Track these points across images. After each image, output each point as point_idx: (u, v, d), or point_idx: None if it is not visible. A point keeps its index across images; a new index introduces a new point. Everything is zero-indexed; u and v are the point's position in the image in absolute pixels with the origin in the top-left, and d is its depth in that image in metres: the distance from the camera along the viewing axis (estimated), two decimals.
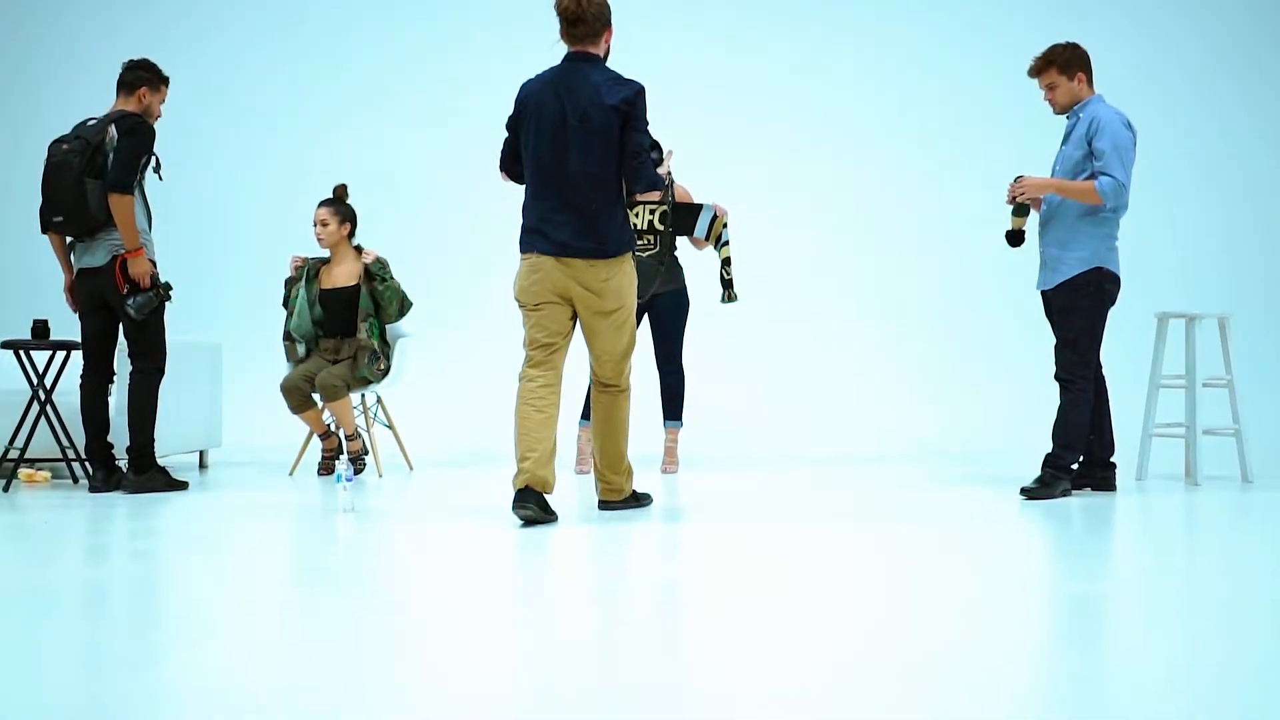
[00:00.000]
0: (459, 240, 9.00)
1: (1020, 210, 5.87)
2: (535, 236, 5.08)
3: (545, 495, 5.02)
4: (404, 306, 6.96)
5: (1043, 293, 6.02)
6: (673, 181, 6.68)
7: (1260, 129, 8.98)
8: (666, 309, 6.96)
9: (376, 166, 8.99)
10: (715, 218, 6.93)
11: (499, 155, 5.27)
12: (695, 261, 7.20)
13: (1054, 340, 5.97)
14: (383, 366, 6.89)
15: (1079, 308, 5.81)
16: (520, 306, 5.18)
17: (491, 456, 7.72)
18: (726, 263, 6.99)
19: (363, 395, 7.01)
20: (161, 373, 6.12)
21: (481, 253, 8.88)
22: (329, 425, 6.91)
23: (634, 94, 5.00)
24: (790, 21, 9.12)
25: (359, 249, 6.95)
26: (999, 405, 8.39)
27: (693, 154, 7.20)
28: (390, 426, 7.17)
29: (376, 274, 6.86)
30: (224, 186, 9.23)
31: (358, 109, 9.23)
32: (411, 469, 7.20)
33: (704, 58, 9.06)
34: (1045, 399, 7.75)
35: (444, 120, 9.14)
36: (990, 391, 8.53)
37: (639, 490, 5.53)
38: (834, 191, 9.05)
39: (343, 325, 6.93)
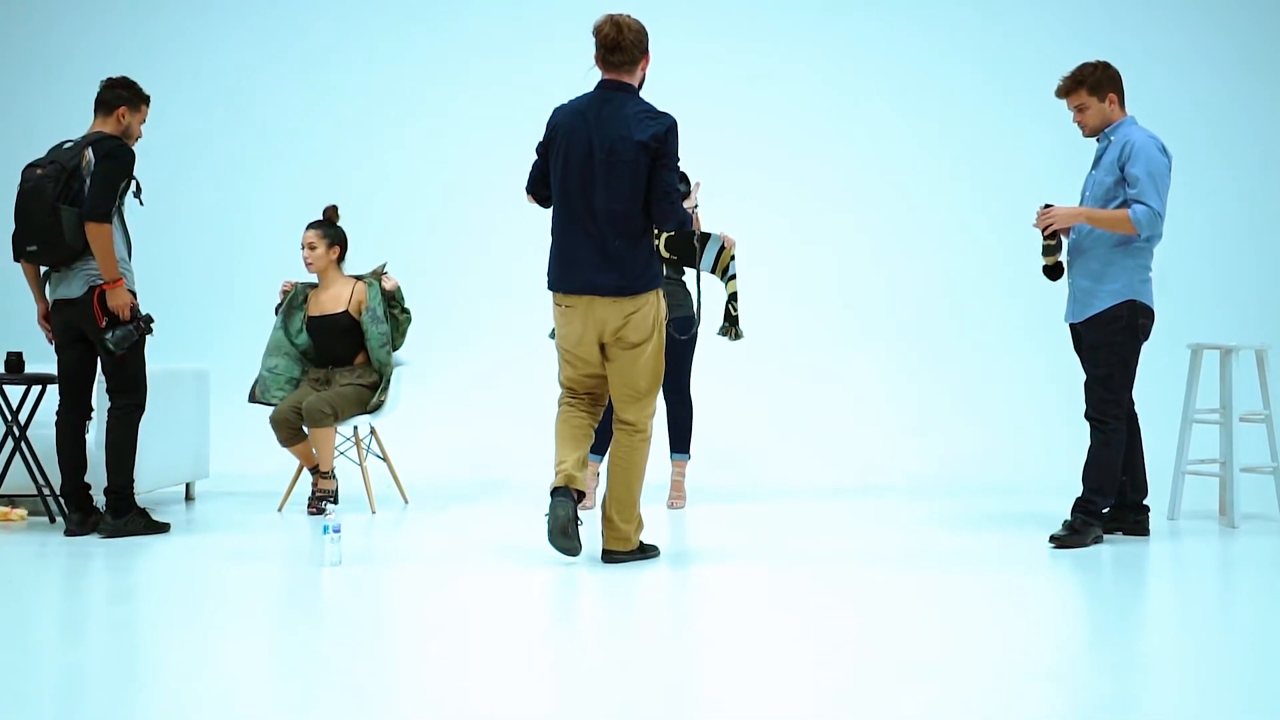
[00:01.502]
0: (455, 266, 8.68)
1: (1051, 244, 5.55)
2: (561, 275, 4.97)
3: (578, 516, 4.94)
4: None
5: (1071, 325, 5.70)
6: (697, 213, 6.39)
7: None
8: (673, 337, 6.63)
9: (372, 188, 8.68)
10: (723, 248, 6.60)
11: (527, 176, 5.13)
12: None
13: (1083, 376, 5.65)
14: (381, 398, 6.60)
15: (1111, 343, 5.48)
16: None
17: (488, 487, 7.41)
18: (733, 298, 6.65)
19: (355, 428, 6.68)
20: (142, 409, 5.81)
21: (479, 279, 8.59)
22: (318, 463, 6.58)
23: (665, 130, 4.82)
24: (798, 47, 8.76)
25: (381, 273, 6.65)
26: (1017, 434, 8.05)
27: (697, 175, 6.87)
28: (384, 459, 6.86)
29: (398, 301, 6.59)
30: (213, 206, 8.89)
31: (353, 130, 8.87)
32: (406, 502, 6.88)
33: (707, 81, 8.67)
34: (1064, 428, 7.50)
35: (441, 144, 8.80)
36: (1007, 420, 8.19)
37: (646, 542, 5.21)
38: (844, 213, 8.69)
39: (333, 355, 6.62)
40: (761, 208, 8.49)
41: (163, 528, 5.85)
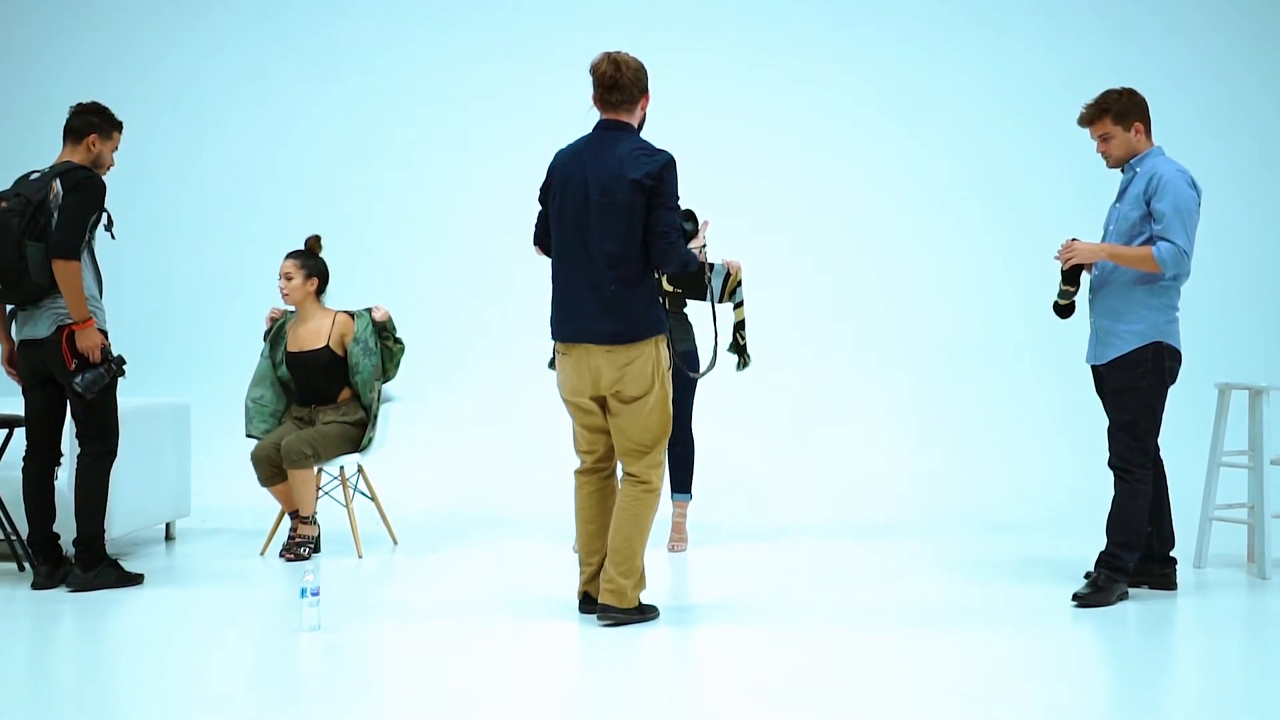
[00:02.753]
0: (446, 294, 8.38)
1: (1071, 278, 5.24)
2: (559, 322, 4.79)
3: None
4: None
5: (1093, 367, 5.40)
6: (705, 252, 6.11)
7: None
8: (676, 371, 6.34)
9: (363, 214, 8.39)
10: (729, 275, 6.28)
11: (533, 228, 4.95)
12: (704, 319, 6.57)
13: (1105, 418, 5.35)
14: (370, 435, 6.30)
15: (1135, 388, 5.18)
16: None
17: (481, 523, 7.11)
18: (741, 326, 6.35)
19: (341, 467, 6.38)
20: (113, 456, 5.51)
21: (472, 308, 8.28)
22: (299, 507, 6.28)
23: (660, 167, 4.60)
24: (804, 73, 8.40)
25: (368, 309, 6.31)
26: (1035, 471, 7.71)
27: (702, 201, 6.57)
28: (372, 498, 6.56)
29: (391, 332, 6.29)
30: (197, 234, 8.55)
31: (344, 154, 8.52)
32: (395, 543, 6.58)
33: (712, 111, 8.35)
34: (1084, 465, 7.20)
35: (435, 169, 8.49)
36: (1024, 456, 7.83)
37: (646, 602, 4.91)
38: (852, 241, 8.34)
39: (314, 392, 6.32)
40: (767, 233, 8.15)
41: (135, 579, 5.56)
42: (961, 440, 7.92)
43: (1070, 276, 5.25)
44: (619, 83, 4.63)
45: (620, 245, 4.61)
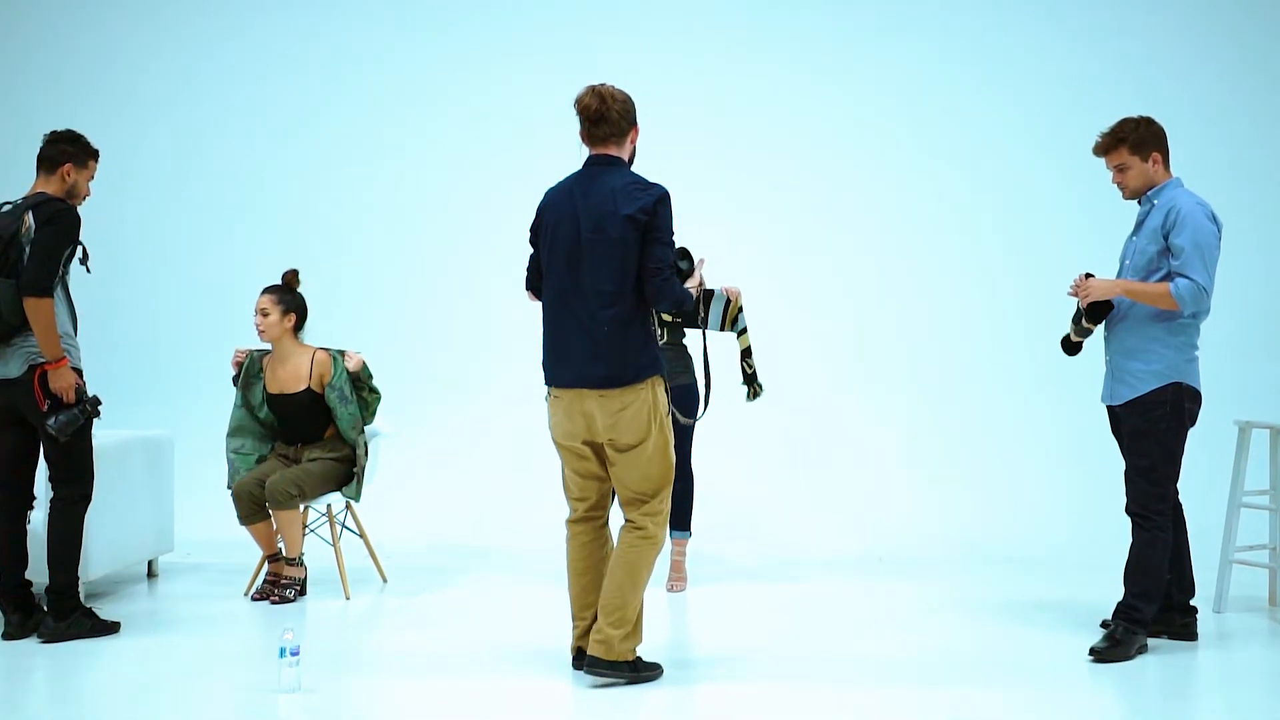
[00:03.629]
0: (434, 321, 8.15)
1: (1095, 314, 5.01)
2: (551, 366, 4.58)
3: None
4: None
5: (1109, 407, 5.17)
6: (703, 286, 5.92)
7: None
8: (675, 404, 6.12)
9: (346, 245, 8.15)
10: (729, 302, 6.06)
11: (525, 273, 4.74)
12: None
13: (1120, 458, 5.14)
14: (364, 464, 6.09)
15: (1154, 431, 4.95)
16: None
17: (473, 557, 6.91)
18: (747, 353, 6.13)
19: (329, 505, 6.16)
20: (88, 500, 5.29)
21: (460, 334, 8.05)
22: (281, 548, 6.06)
23: (654, 201, 4.41)
24: (809, 93, 8.12)
25: (341, 352, 6.07)
26: (1043, 502, 7.45)
27: (698, 219, 6.35)
28: (361, 536, 6.34)
29: (365, 382, 6.05)
30: (176, 260, 8.27)
31: (328, 179, 8.24)
32: (385, 581, 6.36)
33: (712, 126, 8.10)
34: (1092, 495, 6.99)
35: (420, 204, 8.22)
36: (1031, 487, 7.56)
37: (645, 659, 4.68)
38: (859, 264, 8.07)
39: (300, 433, 6.11)
40: (769, 257, 7.93)
41: (111, 628, 5.34)
42: (970, 472, 7.65)
43: (1094, 313, 5.02)
44: (605, 116, 4.45)
45: (614, 284, 4.42)
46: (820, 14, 8.10)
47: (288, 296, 6.05)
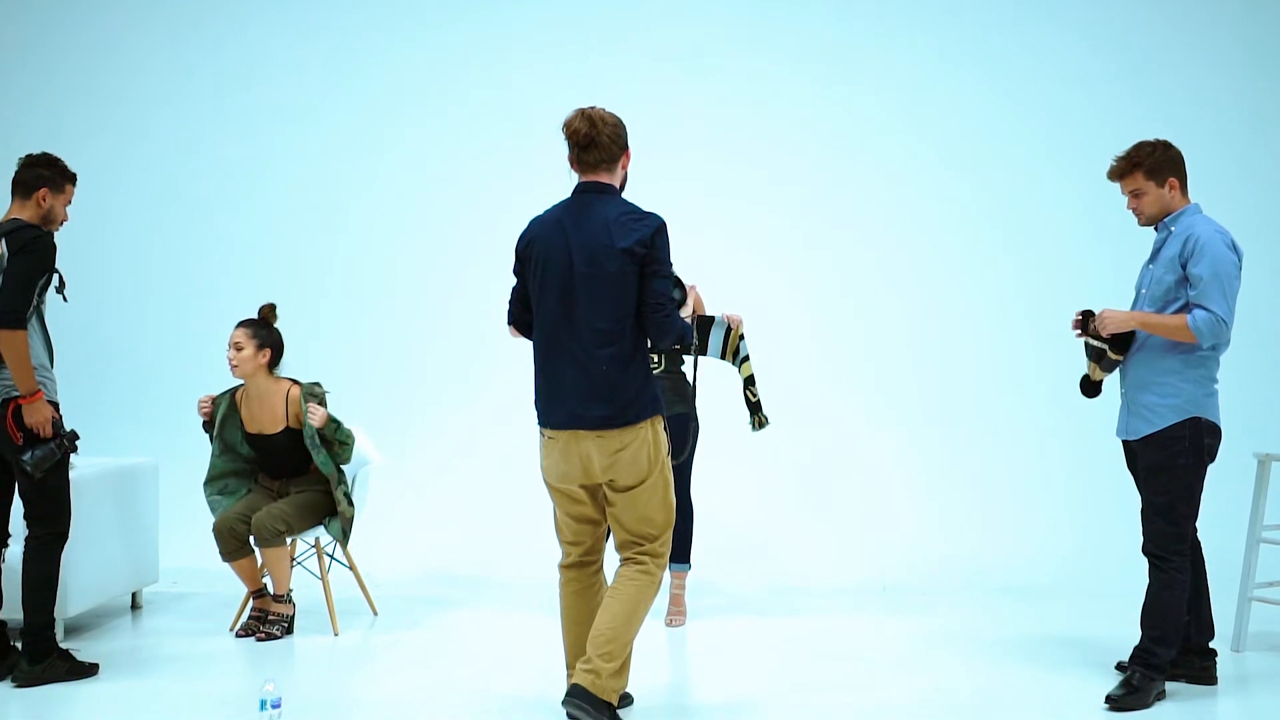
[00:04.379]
0: (422, 344, 7.95)
1: (1120, 344, 4.81)
2: (544, 407, 4.34)
3: None
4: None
5: (1124, 442, 4.98)
6: (698, 314, 5.75)
7: None
8: (673, 435, 5.93)
9: (328, 263, 7.96)
10: (729, 330, 5.88)
11: (507, 306, 4.49)
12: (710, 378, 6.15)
13: (1132, 488, 4.95)
14: (350, 515, 5.83)
15: (1172, 467, 4.75)
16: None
17: (466, 588, 6.71)
18: (750, 382, 5.96)
19: (317, 538, 5.97)
20: (64, 539, 5.10)
21: (448, 358, 7.86)
22: (266, 584, 5.87)
23: (652, 232, 4.19)
24: (814, 121, 7.93)
25: (310, 393, 5.78)
26: (1051, 532, 7.25)
27: (697, 246, 6.17)
28: (351, 568, 6.15)
29: (332, 437, 5.77)
30: (159, 278, 8.09)
31: (304, 207, 8.06)
32: (376, 614, 6.17)
33: (712, 149, 7.90)
34: (1101, 525, 6.81)
35: (401, 217, 8.05)
36: (1039, 516, 7.35)
37: (638, 697, 4.56)
38: (863, 288, 7.88)
39: (282, 470, 5.91)
40: (770, 282, 7.74)
41: (88, 670, 5.14)
42: (977, 499, 7.46)
43: (1120, 343, 4.82)
44: (596, 140, 4.22)
45: (611, 320, 4.20)
46: (824, 11, 7.91)
47: (263, 331, 5.82)
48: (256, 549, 5.72)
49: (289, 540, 5.79)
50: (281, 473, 5.90)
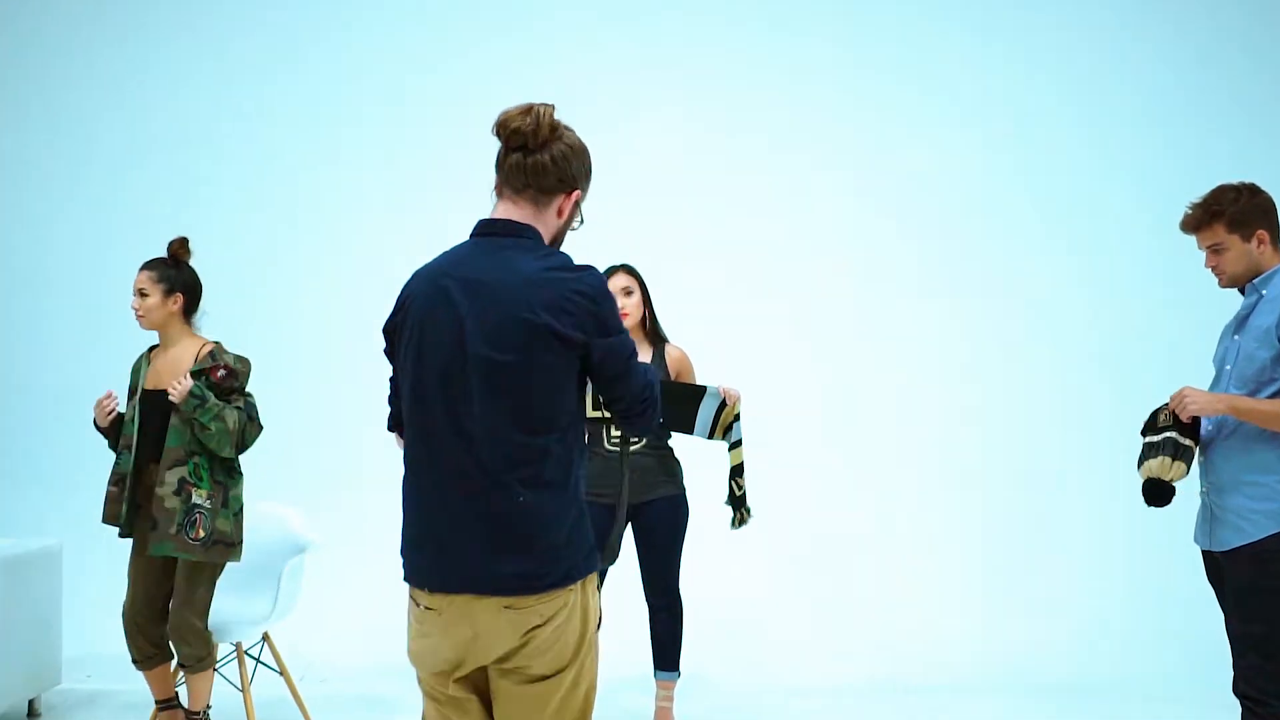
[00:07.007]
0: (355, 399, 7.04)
1: (1192, 432, 3.95)
2: (416, 559, 2.79)
3: None
4: (247, 438, 4.70)
5: (1206, 552, 4.12)
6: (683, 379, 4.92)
7: None
8: (659, 521, 5.07)
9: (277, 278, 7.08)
10: (724, 405, 4.93)
11: (386, 402, 3.01)
12: (693, 456, 5.28)
13: (1225, 627, 4.08)
14: (199, 536, 4.58)
15: (1268, 590, 3.88)
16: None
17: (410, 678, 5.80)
18: (738, 472, 4.98)
19: (238, 642, 5.07)
20: None
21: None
22: (177, 692, 4.96)
23: (594, 294, 2.70)
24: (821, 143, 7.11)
25: (214, 361, 4.66)
26: (1091, 622, 6.44)
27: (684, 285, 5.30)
28: (281, 672, 5.27)
29: (191, 416, 4.56)
30: (59, 337, 7.08)
31: (234, 240, 7.16)
32: None
33: (713, 179, 7.00)
34: (1155, 606, 6.02)
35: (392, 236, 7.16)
36: (1076, 603, 6.55)
37: None
38: (873, 348, 7.03)
39: (159, 444, 4.69)
40: (770, 336, 6.88)
41: None
42: (1000, 585, 6.63)
43: (1191, 430, 3.96)
44: (534, 150, 2.76)
45: (526, 430, 2.69)
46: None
47: (171, 273, 4.70)
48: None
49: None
50: (154, 448, 4.68)
